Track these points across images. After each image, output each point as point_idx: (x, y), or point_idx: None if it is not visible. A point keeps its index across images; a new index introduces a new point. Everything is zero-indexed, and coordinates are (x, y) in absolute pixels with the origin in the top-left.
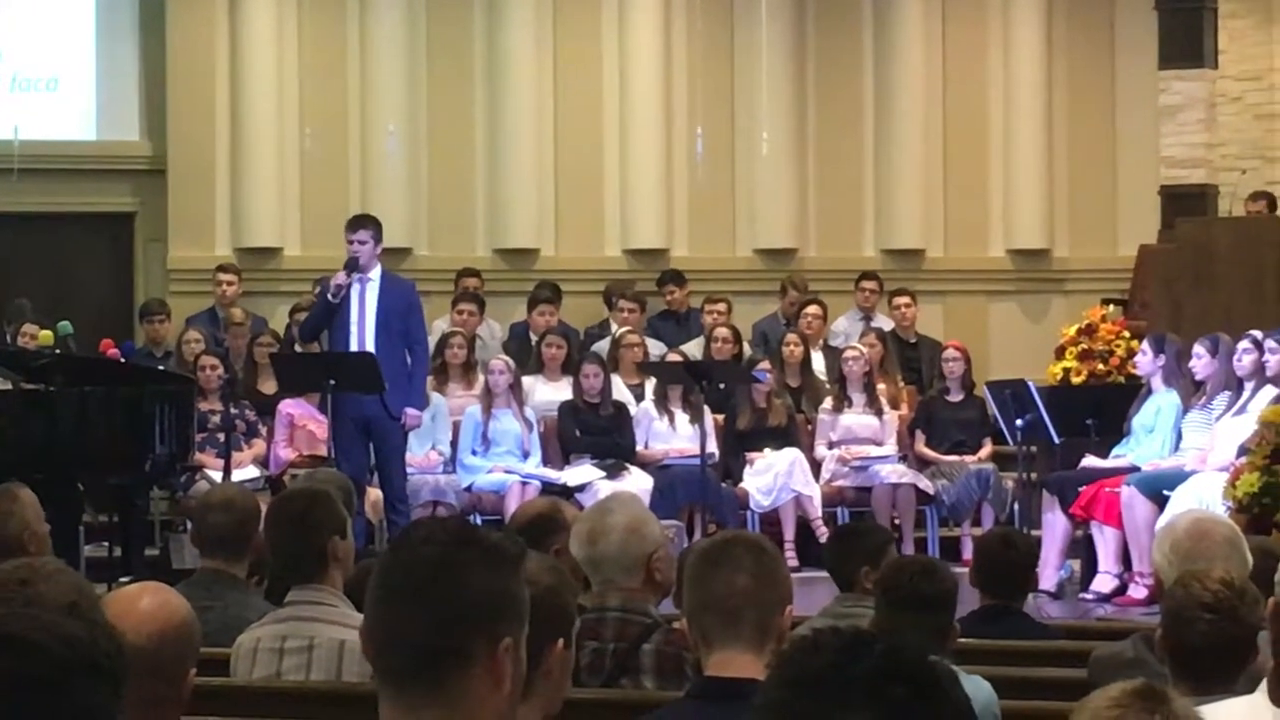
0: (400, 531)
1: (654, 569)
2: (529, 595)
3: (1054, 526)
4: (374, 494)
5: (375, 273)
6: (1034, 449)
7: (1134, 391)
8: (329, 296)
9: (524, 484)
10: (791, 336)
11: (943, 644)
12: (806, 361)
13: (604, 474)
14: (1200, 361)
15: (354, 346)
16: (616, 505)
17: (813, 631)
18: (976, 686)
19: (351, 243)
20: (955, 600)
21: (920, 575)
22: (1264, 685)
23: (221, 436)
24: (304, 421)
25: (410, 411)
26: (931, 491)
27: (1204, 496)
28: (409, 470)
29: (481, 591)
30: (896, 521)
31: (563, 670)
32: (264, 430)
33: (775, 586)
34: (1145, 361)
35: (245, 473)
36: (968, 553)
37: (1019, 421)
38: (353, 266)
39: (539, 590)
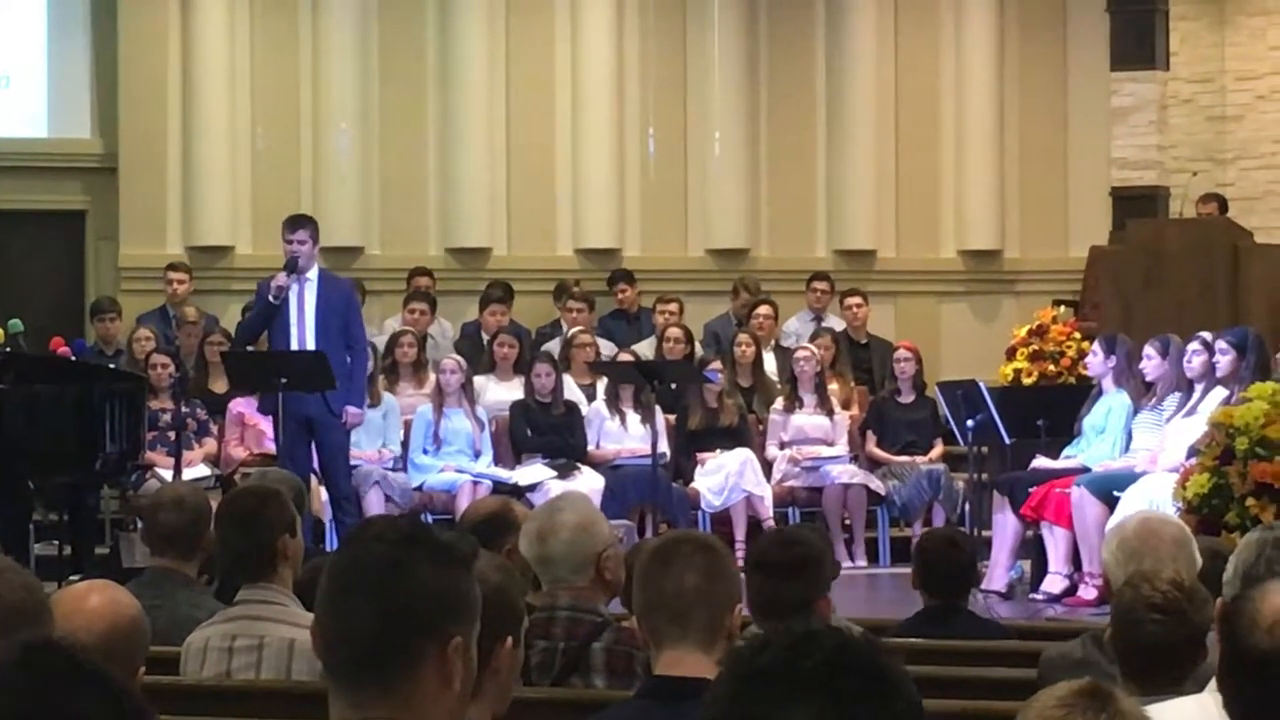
0: (352, 529)
1: (604, 568)
2: (480, 595)
3: (1004, 527)
4: (320, 493)
5: (313, 272)
6: (985, 449)
7: (1084, 392)
8: (270, 298)
9: (475, 483)
10: (743, 336)
11: (806, 612)
12: (758, 362)
13: (555, 474)
14: (1150, 363)
15: (294, 346)
16: (566, 504)
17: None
18: None
19: (290, 243)
20: (816, 569)
21: (777, 544)
22: (1213, 684)
23: (172, 435)
24: (255, 420)
25: (351, 410)
26: (882, 492)
27: (1154, 497)
28: (357, 463)
29: (431, 590)
30: (847, 522)
31: (511, 669)
32: (215, 429)
33: (725, 585)
34: (1096, 362)
35: (196, 471)
36: None
37: (970, 422)
38: (292, 267)
39: (488, 589)
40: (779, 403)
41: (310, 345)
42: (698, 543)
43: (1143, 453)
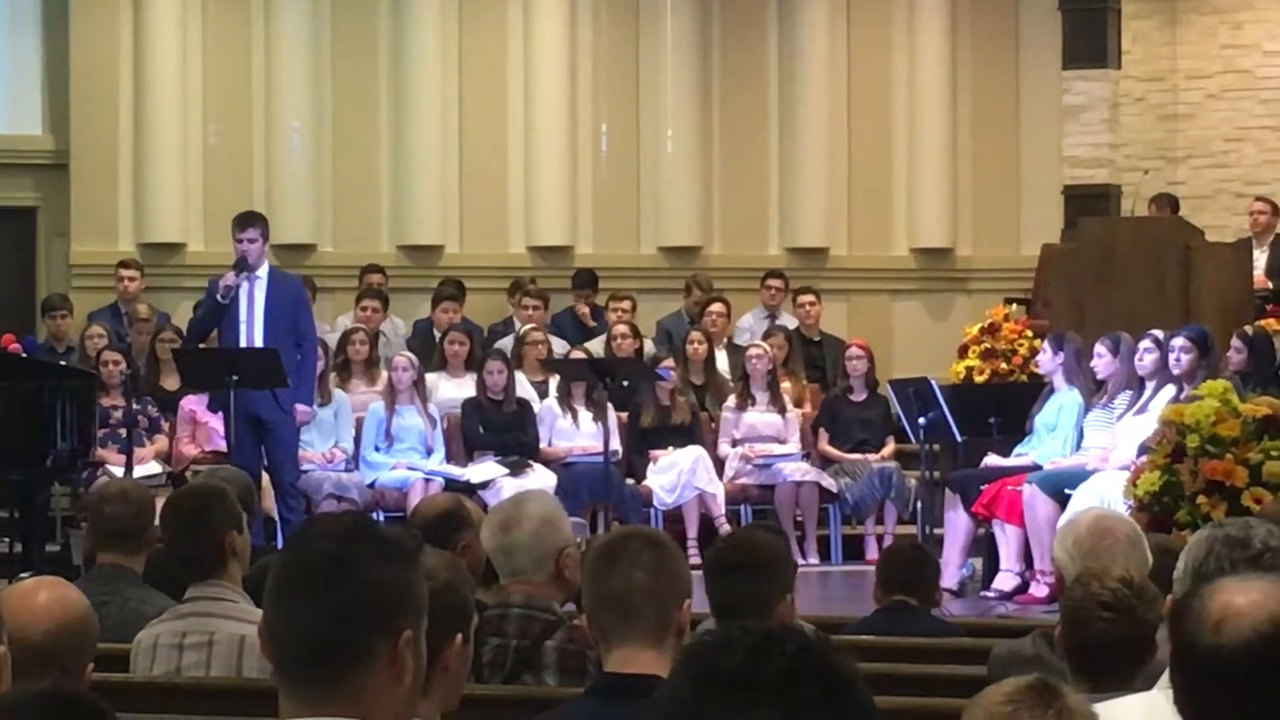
0: (297, 527)
1: (563, 565)
2: (427, 590)
3: (956, 525)
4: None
5: (263, 270)
6: (936, 447)
7: (1036, 390)
8: (218, 297)
9: (427, 481)
10: (695, 334)
11: (767, 609)
12: (710, 359)
13: (507, 471)
14: (1101, 361)
15: (243, 344)
16: (531, 498)
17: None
18: None
19: (240, 241)
20: (773, 567)
21: (731, 546)
22: (1162, 681)
23: (123, 432)
24: (206, 418)
25: (300, 407)
26: (834, 490)
27: (1105, 495)
28: (310, 466)
29: (379, 585)
30: (800, 519)
31: (461, 665)
32: (166, 426)
33: (672, 581)
34: (1045, 360)
35: (147, 469)
36: (871, 551)
37: (921, 420)
38: (242, 266)
39: (437, 585)
40: (731, 400)
41: (259, 343)
42: (645, 539)
43: (1094, 450)
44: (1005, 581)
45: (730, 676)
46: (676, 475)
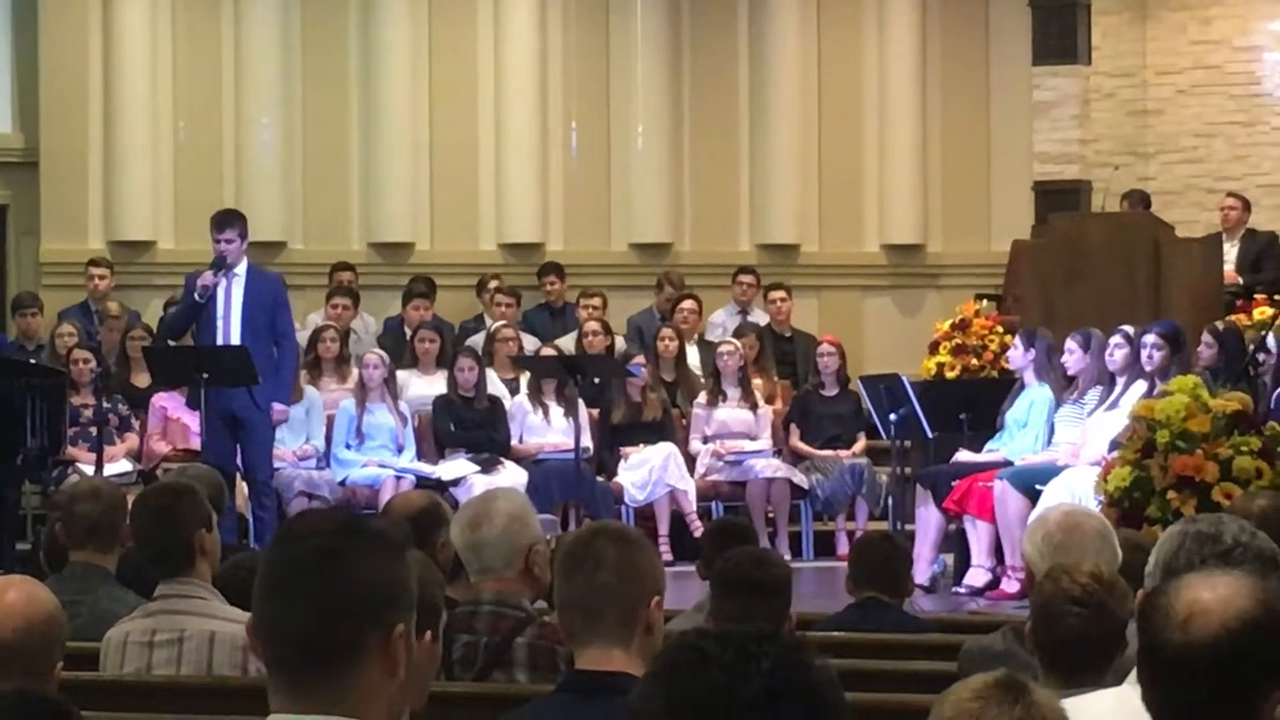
0: (284, 524)
1: (532, 562)
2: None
3: (927, 521)
4: (245, 487)
5: (241, 267)
6: (908, 443)
7: (1007, 386)
8: (195, 296)
9: (398, 478)
10: (666, 331)
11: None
12: (681, 356)
13: (478, 468)
14: (1072, 356)
15: (220, 342)
16: (501, 494)
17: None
18: None
19: (219, 241)
20: (788, 588)
21: (752, 564)
22: (1132, 676)
23: (94, 430)
24: (177, 415)
25: (277, 406)
26: (806, 486)
27: (1076, 490)
28: (281, 464)
29: (371, 580)
30: (771, 516)
31: (429, 663)
32: (137, 424)
33: (639, 579)
34: (1016, 356)
35: (118, 466)
36: (842, 547)
37: (893, 416)
38: (220, 265)
39: None
40: (702, 397)
41: (235, 341)
42: (611, 536)
43: (1065, 446)
44: (976, 577)
45: (706, 697)
46: (648, 472)
